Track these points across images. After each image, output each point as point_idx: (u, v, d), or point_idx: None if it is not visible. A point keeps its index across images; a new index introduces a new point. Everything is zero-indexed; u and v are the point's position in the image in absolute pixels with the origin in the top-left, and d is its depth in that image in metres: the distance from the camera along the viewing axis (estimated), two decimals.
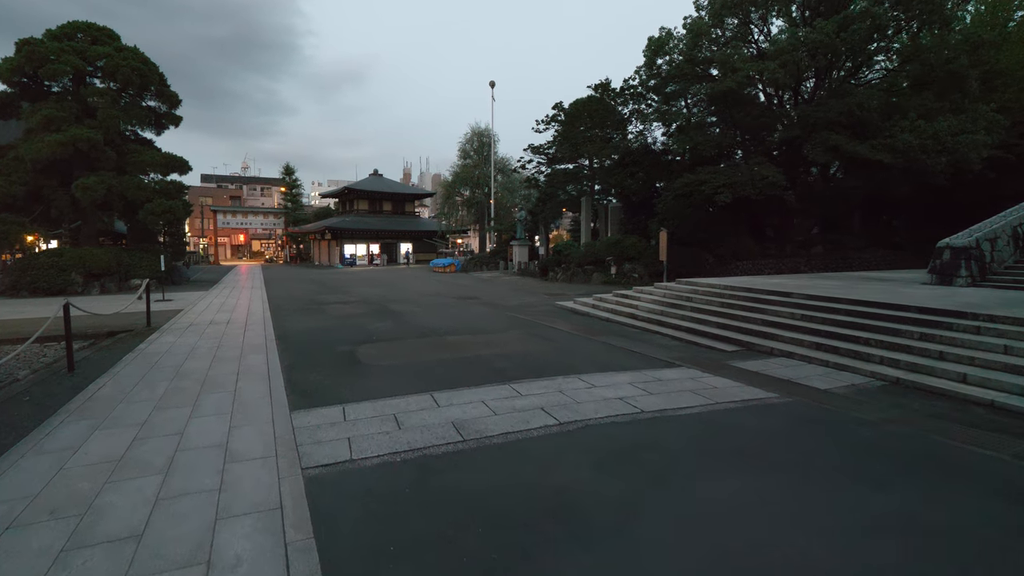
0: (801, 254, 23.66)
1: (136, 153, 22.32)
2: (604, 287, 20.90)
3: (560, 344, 9.15)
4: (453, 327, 11.07)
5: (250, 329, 10.95)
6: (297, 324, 11.74)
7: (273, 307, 15.07)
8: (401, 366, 7.45)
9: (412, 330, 10.68)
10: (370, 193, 46.19)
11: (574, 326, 11.25)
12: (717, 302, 10.93)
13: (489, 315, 13.14)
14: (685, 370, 7.09)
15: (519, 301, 16.37)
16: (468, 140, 43.68)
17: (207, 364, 7.59)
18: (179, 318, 12.73)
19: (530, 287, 21.79)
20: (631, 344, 9.12)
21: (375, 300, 16.73)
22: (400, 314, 13.25)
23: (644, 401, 5.59)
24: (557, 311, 13.87)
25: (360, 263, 43.43)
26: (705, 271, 21.54)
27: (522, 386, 6.18)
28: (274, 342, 9.45)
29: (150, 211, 21.48)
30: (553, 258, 26.63)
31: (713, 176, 17.64)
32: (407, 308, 14.56)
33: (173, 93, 23.78)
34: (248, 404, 5.62)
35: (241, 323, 11.85)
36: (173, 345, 9.15)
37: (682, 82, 19.71)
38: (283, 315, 13.30)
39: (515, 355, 8.14)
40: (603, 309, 13.05)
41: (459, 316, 12.91)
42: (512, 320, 12.18)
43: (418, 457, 4.19)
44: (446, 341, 9.38)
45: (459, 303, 15.95)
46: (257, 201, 70.62)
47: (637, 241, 22.17)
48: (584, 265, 23.50)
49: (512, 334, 10.20)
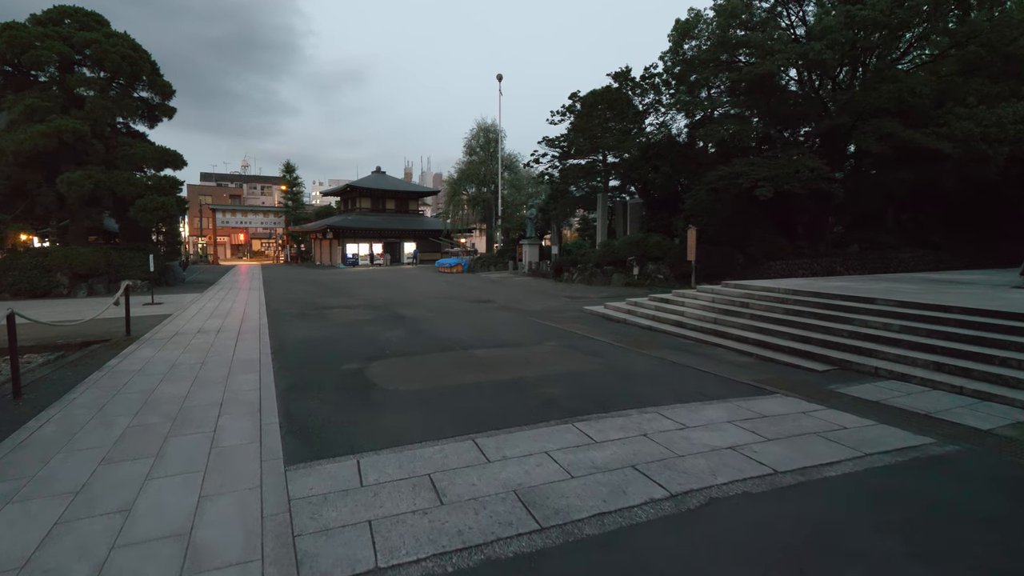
0: (835, 254, 22.17)
1: (127, 146, 20.89)
2: (626, 289, 19.44)
3: (610, 361, 7.68)
4: (476, 338, 9.61)
5: (243, 339, 9.50)
6: (297, 332, 10.29)
7: (271, 311, 13.62)
8: (426, 393, 5.99)
9: (430, 341, 9.22)
10: (373, 191, 44.74)
11: (616, 336, 9.77)
12: (781, 309, 9.46)
13: (513, 322, 11.68)
14: (785, 399, 5.63)
15: (540, 305, 14.91)
16: (474, 136, 42.16)
17: (185, 388, 6.14)
18: (165, 325, 11.28)
19: (546, 289, 20.33)
20: (695, 361, 7.65)
21: (382, 303, 15.28)
22: (412, 321, 11.79)
23: (767, 452, 4.13)
24: (588, 317, 12.40)
25: (363, 263, 42.01)
26: (736, 272, 20.04)
27: (590, 426, 4.72)
28: (269, 356, 8.00)
29: (141, 208, 20.05)
30: (567, 258, 25.17)
31: (751, 168, 16.16)
32: (418, 313, 13.10)
33: (166, 83, 22.35)
34: (229, 454, 4.17)
35: (234, 331, 10.40)
36: (150, 361, 7.70)
37: (712, 67, 18.20)
38: (281, 321, 11.85)
39: (563, 377, 6.68)
40: (642, 315, 11.59)
41: (479, 324, 11.45)
42: (541, 329, 10.71)
43: (479, 565, 2.73)
44: (474, 357, 7.92)
45: (475, 307, 14.49)
46: (257, 200, 69.22)
47: (661, 240, 20.68)
48: (603, 265, 22.02)
49: (548, 347, 8.74)
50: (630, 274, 20.80)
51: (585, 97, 23.29)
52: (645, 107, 24.11)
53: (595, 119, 23.18)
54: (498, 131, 41.19)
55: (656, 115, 24.41)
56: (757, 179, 15.81)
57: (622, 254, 21.36)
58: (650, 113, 24.31)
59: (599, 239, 25.60)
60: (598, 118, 22.98)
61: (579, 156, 23.92)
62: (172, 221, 22.15)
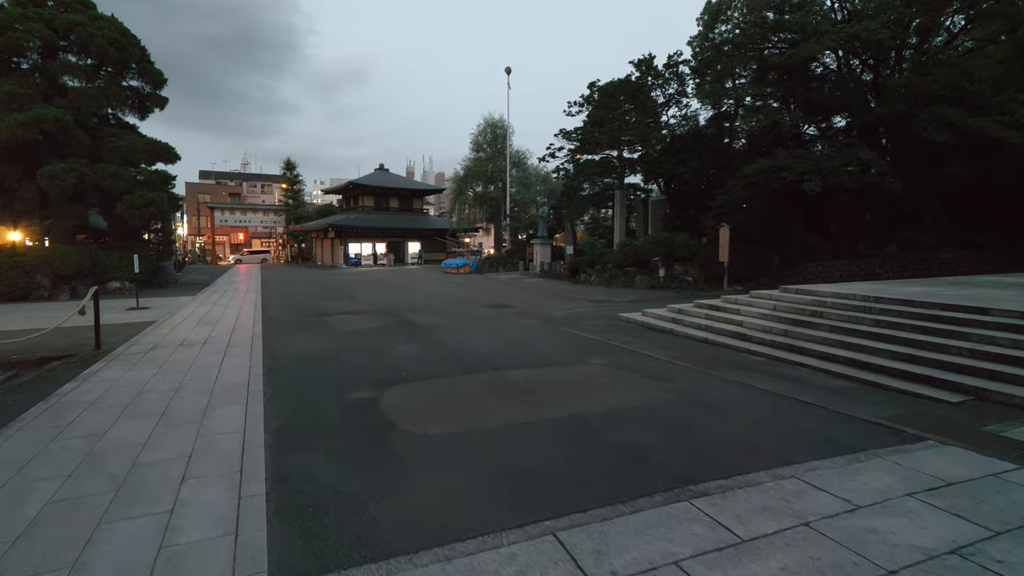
0: (873, 254, 20.71)
1: (114, 138, 19.46)
2: (651, 292, 18.01)
3: (684, 387, 6.23)
4: (506, 352, 8.17)
5: (232, 354, 8.06)
6: (294, 346, 8.85)
7: (267, 318, 12.18)
8: (463, 438, 4.55)
9: (452, 358, 7.78)
10: (376, 189, 43.28)
11: (670, 351, 8.32)
12: (868, 320, 8.00)
13: (542, 332, 10.23)
14: (947, 450, 4.18)
15: (564, 311, 13.46)
16: (481, 132, 40.77)
17: (147, 431, 4.70)
18: (145, 335, 9.84)
19: (564, 292, 18.88)
20: (785, 387, 6.21)
21: (390, 308, 13.84)
22: (426, 330, 10.35)
23: (1011, 565, 2.68)
24: (626, 326, 10.95)
25: (365, 263, 40.57)
26: (771, 274, 18.60)
27: (719, 507, 3.27)
28: (260, 379, 6.56)
29: (130, 204, 18.62)
30: (583, 258, 23.72)
31: (796, 160, 14.70)
32: (432, 320, 11.66)
33: (157, 71, 20.93)
34: (187, 564, 2.73)
35: (222, 343, 8.96)
36: (114, 385, 6.26)
37: (745, 52, 16.74)
38: (277, 331, 10.41)
39: (635, 413, 5.24)
40: (690, 325, 10.13)
41: (503, 333, 10.01)
42: (577, 341, 9.27)
43: None
44: (510, 381, 6.48)
45: (493, 313, 13.05)
46: (258, 199, 67.77)
47: (689, 239, 19.23)
48: (624, 267, 20.57)
49: (597, 367, 7.29)
50: (654, 276, 19.35)
51: (604, 87, 21.85)
52: (667, 98, 22.66)
53: (614, 111, 21.72)
54: (506, 126, 39.80)
55: (678, 107, 22.99)
56: (803, 172, 14.36)
57: (645, 254, 19.92)
58: (671, 105, 22.87)
59: (617, 238, 24.16)
60: (617, 110, 21.51)
61: (597, 150, 22.45)
62: (164, 218, 20.72)
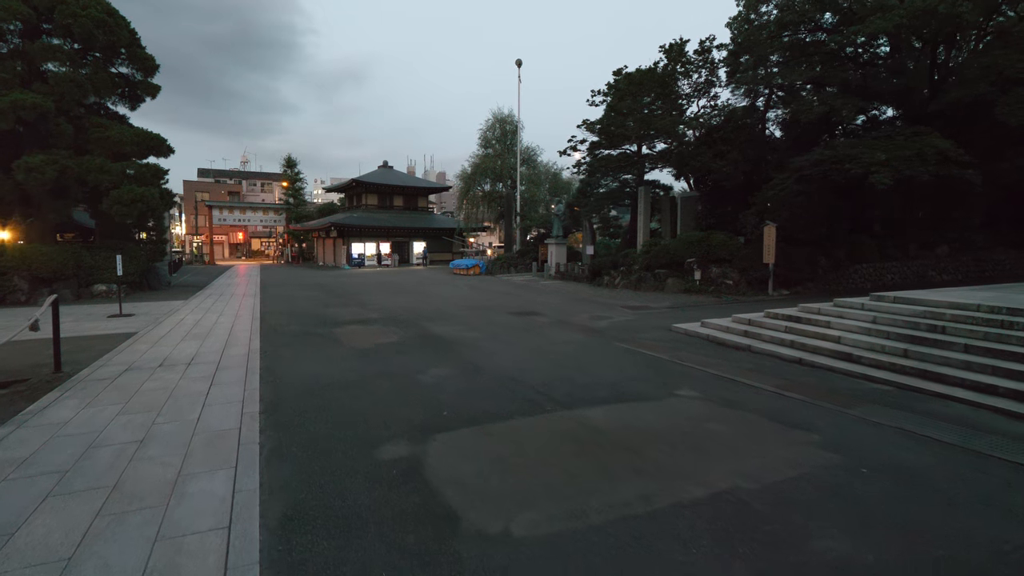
0: (923, 256, 19.12)
1: (100, 128, 17.87)
2: (687, 297, 16.41)
3: (837, 441, 4.60)
4: (565, 379, 6.55)
5: (222, 380, 6.45)
6: (299, 368, 7.23)
7: (266, 328, 10.57)
8: (568, 550, 2.93)
9: (499, 387, 6.17)
10: (380, 186, 41.62)
11: (769, 378, 6.71)
12: (1017, 339, 6.38)
13: (593, 349, 8.61)
14: None
15: (605, 319, 11.85)
16: (489, 127, 39.16)
17: (79, 527, 3.09)
18: (120, 351, 8.22)
19: (591, 296, 17.27)
20: (970, 438, 4.61)
21: (405, 316, 12.23)
22: (454, 345, 8.73)
23: None
24: (688, 340, 9.33)
25: (369, 263, 38.95)
26: (819, 277, 17.02)
27: None
28: (256, 422, 4.96)
29: (116, 200, 17.02)
30: (606, 259, 22.10)
31: (860, 151, 13.07)
32: (457, 332, 10.04)
33: (148, 56, 19.33)
34: None
35: (211, 363, 7.35)
36: (56, 436, 4.65)
37: (799, 32, 15.12)
38: (278, 346, 8.79)
39: (807, 494, 3.63)
40: (770, 340, 8.52)
41: (549, 351, 8.38)
42: (644, 362, 7.65)
43: None
44: (593, 428, 4.87)
45: (523, 323, 11.43)
46: (257, 198, 66.07)
47: (727, 238, 17.61)
48: (654, 268, 18.95)
49: (691, 402, 5.67)
50: (689, 279, 17.72)
51: (631, 75, 20.22)
52: (696, 87, 21.04)
53: (639, 100, 20.12)
54: (516, 122, 38.23)
55: (707, 97, 21.37)
56: (870, 164, 12.73)
57: (678, 255, 18.29)
58: (701, 95, 21.25)
59: (640, 238, 22.52)
60: (643, 99, 19.89)
61: (620, 143, 20.81)
62: (156, 216, 19.11)
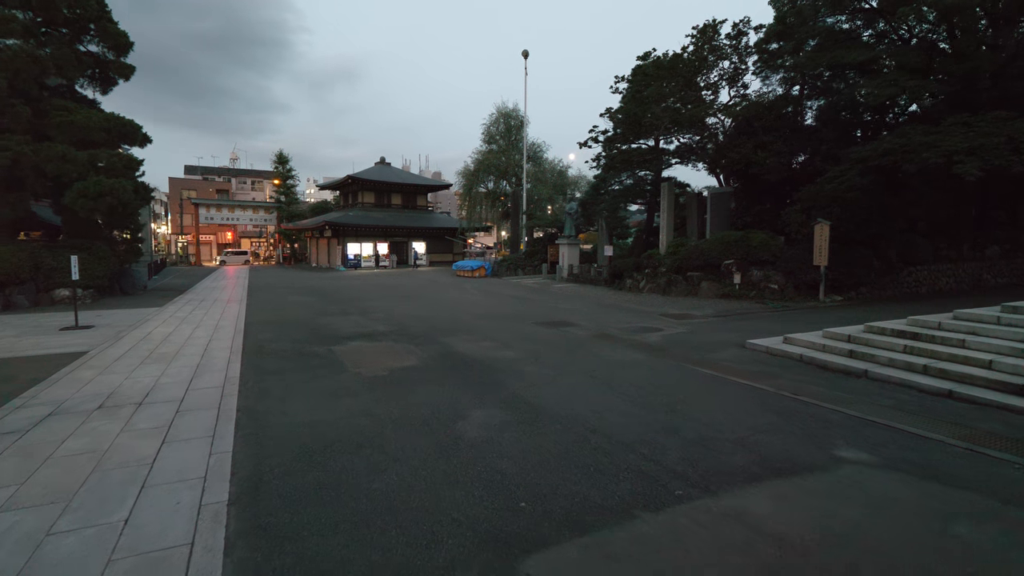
0: (975, 257, 17.45)
1: (64, 112, 15.79)
2: (725, 302, 14.62)
3: None
4: (669, 431, 4.67)
5: (179, 437, 4.50)
6: (291, 412, 5.29)
7: (250, 347, 8.61)
8: None
9: (584, 448, 4.27)
10: (377, 184, 39.53)
11: (949, 428, 4.87)
12: None
13: (670, 376, 6.74)
14: None
15: (655, 333, 10.00)
16: (494, 122, 37.26)
17: None
18: (52, 383, 6.24)
19: (618, 302, 15.45)
20: None
21: (417, 328, 10.31)
22: (492, 371, 6.82)
23: None
24: (779, 363, 7.48)
25: (366, 265, 36.90)
26: (872, 280, 15.27)
27: None
28: (221, 527, 3.04)
29: (81, 192, 14.99)
30: (629, 261, 20.27)
31: (939, 138, 11.31)
32: (488, 351, 8.14)
33: (121, 32, 17.28)
34: None
35: (170, 405, 5.40)
36: None
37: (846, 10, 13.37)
38: (264, 373, 6.84)
39: None
40: (888, 363, 6.71)
41: (617, 380, 6.50)
42: (753, 398, 5.79)
43: None
44: (773, 535, 3.00)
45: (560, 337, 9.55)
46: (247, 196, 63.68)
47: (769, 238, 15.84)
48: (686, 271, 17.14)
49: (874, 476, 3.81)
50: (726, 282, 15.91)
51: (659, 60, 18.41)
52: (724, 75, 19.27)
53: (666, 87, 18.32)
54: (522, 116, 36.34)
55: (735, 86, 19.60)
56: (951, 152, 10.98)
57: (713, 257, 16.48)
58: (734, 82, 19.48)
59: (664, 238, 20.72)
60: (672, 84, 18.09)
61: (650, 132, 18.99)
62: (128, 211, 17.03)
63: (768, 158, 15.38)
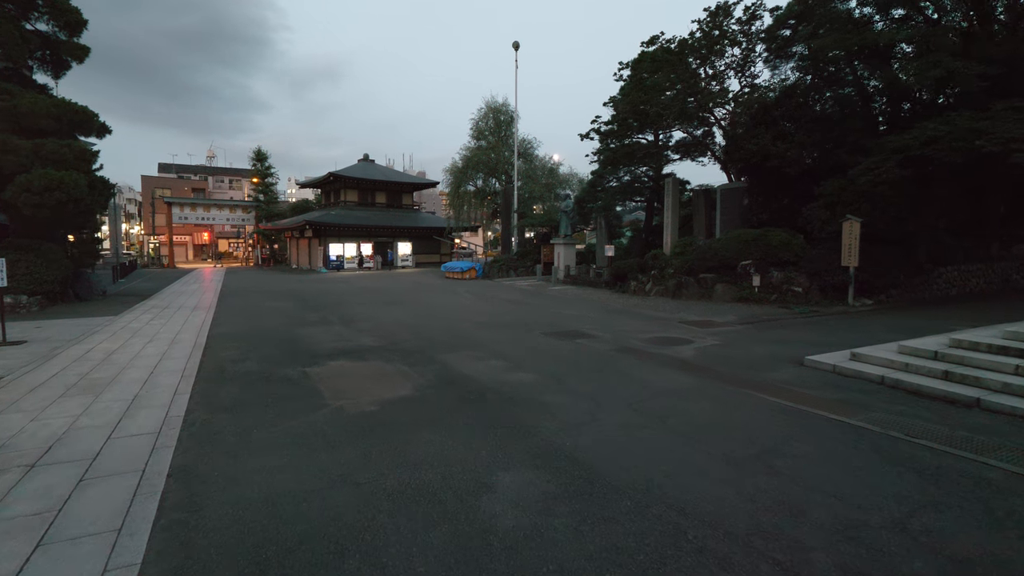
0: (1003, 257, 16.46)
1: (5, 96, 13.98)
2: (743, 307, 13.40)
3: None
4: (790, 511, 3.28)
5: (63, 535, 2.99)
6: (243, 479, 3.78)
7: (207, 368, 7.06)
8: None
9: (679, 554, 2.86)
10: (360, 181, 37.77)
11: None
12: None
13: (740, 411, 5.37)
14: None
15: (687, 345, 8.65)
16: (483, 117, 35.76)
17: None
18: None
19: (628, 307, 14.13)
20: None
21: (409, 341, 8.83)
22: (510, 404, 5.39)
23: None
24: (860, 387, 6.15)
25: (349, 266, 35.17)
26: (901, 282, 14.13)
27: None
28: None
29: (23, 187, 13.23)
30: (632, 262, 18.97)
31: (993, 124, 10.14)
32: (499, 373, 6.70)
33: (73, 8, 15.50)
34: None
35: (75, 467, 3.87)
36: None
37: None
38: (218, 409, 5.31)
39: None
40: (1001, 388, 5.42)
41: (677, 418, 5.11)
42: (861, 443, 4.44)
43: None
44: None
45: (583, 352, 8.14)
46: (225, 195, 61.26)
47: (789, 237, 14.63)
48: (698, 273, 15.88)
49: None
50: (744, 285, 14.67)
51: (665, 45, 17.12)
52: (735, 62, 18.06)
53: (671, 75, 17.06)
54: (512, 112, 34.94)
55: (743, 75, 18.41)
56: (1008, 140, 9.82)
57: (728, 257, 15.24)
58: (738, 71, 18.29)
59: (669, 238, 19.47)
60: (680, 71, 16.83)
61: (657, 121, 17.68)
62: (82, 208, 15.23)
63: (789, 150, 14.14)
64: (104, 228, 36.72)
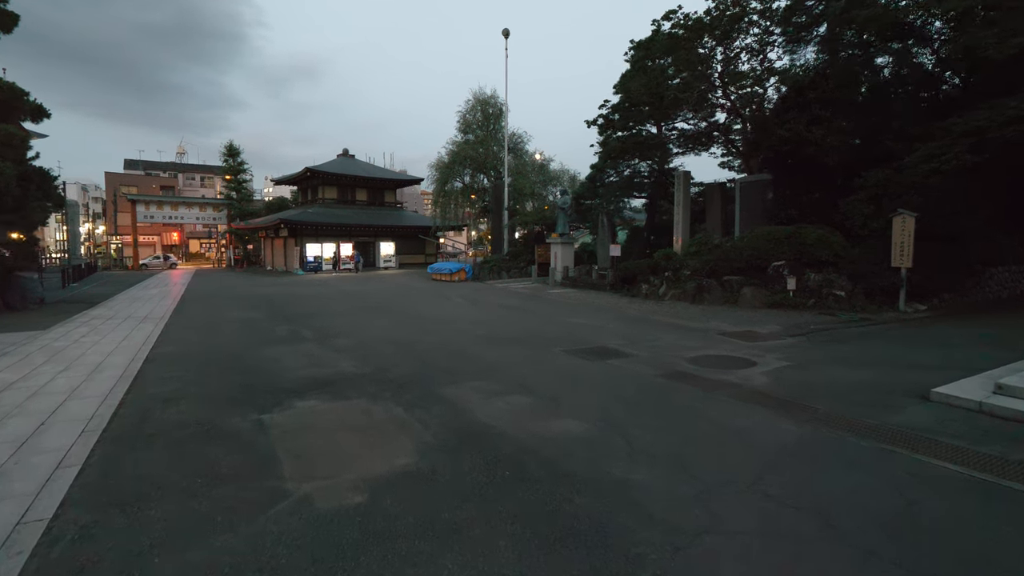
0: None
1: None
2: (783, 315, 11.76)
3: None
4: None
5: None
6: None
7: (126, 416, 5.07)
8: None
9: None
10: (340, 177, 35.53)
11: None
12: None
13: (912, 491, 3.60)
14: None
15: (753, 367, 6.89)
16: (470, 109, 33.74)
17: None
18: None
19: (646, 313, 12.41)
20: None
21: (401, 366, 6.93)
22: (582, 499, 3.53)
23: None
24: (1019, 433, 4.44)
25: (327, 267, 32.96)
26: (957, 285, 12.64)
27: None
28: None
29: None
30: (642, 263, 17.26)
31: None
32: (540, 427, 4.86)
33: None
34: None
35: None
36: None
37: None
38: (109, 505, 3.34)
39: None
40: None
41: (837, 509, 3.32)
42: None
43: None
44: None
45: (626, 380, 6.33)
46: (197, 194, 58.20)
47: (827, 234, 13.05)
48: (721, 275, 14.22)
49: None
50: (776, 289, 13.03)
51: (686, 21, 15.41)
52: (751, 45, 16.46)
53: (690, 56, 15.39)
54: (501, 104, 33.02)
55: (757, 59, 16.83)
56: None
57: (756, 257, 13.61)
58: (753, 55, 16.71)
59: (680, 236, 17.82)
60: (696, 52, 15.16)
61: (676, 107, 15.98)
62: (11, 202, 12.95)
63: (828, 136, 12.53)
64: (51, 227, 33.85)
